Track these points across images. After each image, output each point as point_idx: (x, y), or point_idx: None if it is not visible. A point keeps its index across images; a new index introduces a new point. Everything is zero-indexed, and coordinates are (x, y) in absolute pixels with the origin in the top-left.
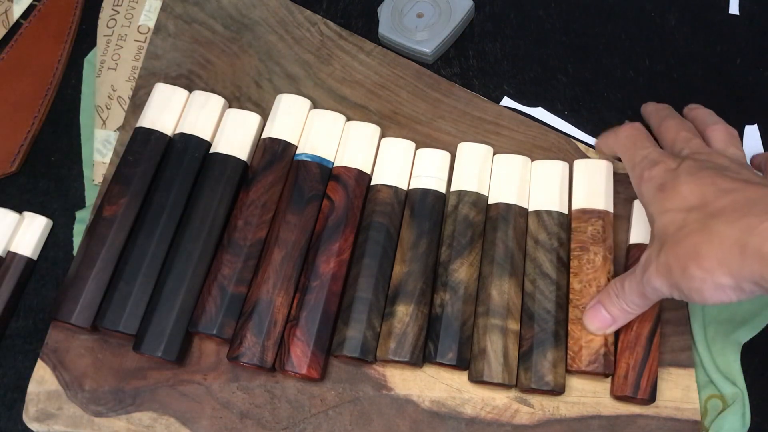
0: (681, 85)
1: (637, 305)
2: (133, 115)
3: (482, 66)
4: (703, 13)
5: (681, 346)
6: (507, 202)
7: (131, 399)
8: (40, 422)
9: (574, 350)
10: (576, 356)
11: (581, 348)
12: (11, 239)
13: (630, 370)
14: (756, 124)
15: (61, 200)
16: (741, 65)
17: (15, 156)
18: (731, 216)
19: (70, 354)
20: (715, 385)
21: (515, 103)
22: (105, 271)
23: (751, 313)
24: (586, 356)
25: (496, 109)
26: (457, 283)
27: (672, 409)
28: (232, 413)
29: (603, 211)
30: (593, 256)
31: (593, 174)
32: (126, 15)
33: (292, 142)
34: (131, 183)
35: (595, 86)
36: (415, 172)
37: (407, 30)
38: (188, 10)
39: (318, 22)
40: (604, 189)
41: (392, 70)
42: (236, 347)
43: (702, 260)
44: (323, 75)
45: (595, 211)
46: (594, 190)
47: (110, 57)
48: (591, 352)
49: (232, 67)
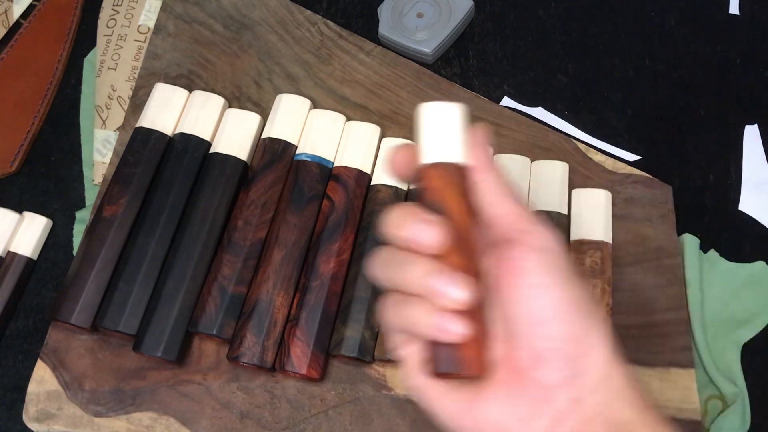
0: (681, 85)
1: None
2: (133, 115)
3: (482, 66)
4: (703, 13)
5: (681, 346)
6: None
7: (131, 399)
8: (40, 422)
9: None
10: None
11: None
12: (11, 239)
13: None
14: (756, 124)
15: (61, 200)
16: (741, 65)
17: (15, 156)
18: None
19: (70, 354)
20: (716, 385)
21: (515, 103)
22: (105, 271)
23: (752, 313)
24: None
25: (496, 109)
26: None
27: (672, 409)
28: (232, 413)
29: (601, 242)
30: (592, 289)
31: (591, 204)
32: (126, 15)
33: (292, 142)
34: (131, 183)
35: (596, 86)
36: None
37: (407, 30)
38: (188, 10)
39: (318, 22)
40: (602, 219)
41: (392, 70)
42: (236, 347)
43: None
44: (323, 75)
45: (593, 242)
46: (592, 221)
47: (110, 57)
48: None
49: (232, 67)
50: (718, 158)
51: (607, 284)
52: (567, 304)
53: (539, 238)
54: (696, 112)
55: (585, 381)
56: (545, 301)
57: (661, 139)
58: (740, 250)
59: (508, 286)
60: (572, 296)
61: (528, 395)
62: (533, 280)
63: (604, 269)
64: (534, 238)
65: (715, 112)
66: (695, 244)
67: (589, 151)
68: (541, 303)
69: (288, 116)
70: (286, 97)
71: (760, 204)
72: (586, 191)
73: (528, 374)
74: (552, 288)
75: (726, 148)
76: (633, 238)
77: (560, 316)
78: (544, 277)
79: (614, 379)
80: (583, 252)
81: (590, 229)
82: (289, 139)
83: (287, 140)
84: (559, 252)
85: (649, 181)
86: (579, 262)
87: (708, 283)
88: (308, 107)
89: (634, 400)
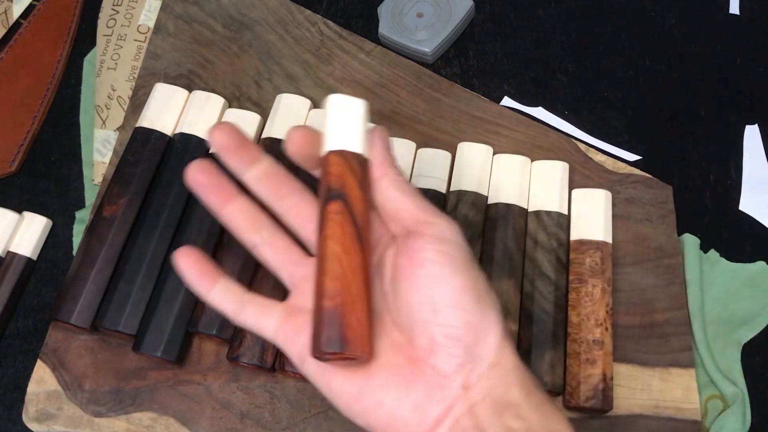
0: (681, 84)
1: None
2: (132, 114)
3: (482, 66)
4: (703, 12)
5: (681, 346)
6: (506, 203)
7: (131, 399)
8: (40, 422)
9: (572, 386)
10: (574, 392)
11: (579, 383)
12: (11, 239)
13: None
14: (756, 124)
15: (60, 200)
16: (741, 65)
17: (15, 156)
18: None
19: (70, 354)
20: (716, 385)
21: (515, 102)
22: (105, 271)
23: (752, 313)
24: (584, 392)
25: (496, 109)
26: None
27: (672, 410)
28: (232, 413)
29: (601, 242)
30: (591, 289)
31: (591, 204)
32: (126, 15)
33: None
34: (131, 183)
35: (596, 86)
36: (415, 172)
37: (407, 30)
38: (188, 9)
39: (318, 22)
40: (602, 219)
41: (392, 69)
42: (236, 347)
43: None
44: (323, 75)
45: (594, 243)
46: (592, 221)
47: (110, 57)
48: (589, 387)
49: (231, 66)
50: (719, 158)
51: (607, 284)
52: (464, 293)
53: (438, 230)
54: (696, 112)
55: (477, 367)
56: (443, 290)
57: (662, 139)
58: (740, 250)
59: (407, 276)
60: (469, 285)
61: (423, 383)
62: (432, 269)
63: (604, 269)
64: (433, 230)
65: (716, 112)
66: (695, 244)
67: (589, 151)
68: (440, 291)
69: (288, 116)
70: (286, 97)
71: (760, 204)
72: (586, 191)
73: (424, 362)
74: (450, 277)
75: (726, 147)
76: (633, 238)
77: (457, 304)
78: (443, 266)
79: (503, 364)
80: (583, 252)
81: (590, 229)
82: None
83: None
84: (457, 242)
85: (650, 181)
86: (579, 262)
87: (708, 283)
88: (308, 107)
89: (521, 382)
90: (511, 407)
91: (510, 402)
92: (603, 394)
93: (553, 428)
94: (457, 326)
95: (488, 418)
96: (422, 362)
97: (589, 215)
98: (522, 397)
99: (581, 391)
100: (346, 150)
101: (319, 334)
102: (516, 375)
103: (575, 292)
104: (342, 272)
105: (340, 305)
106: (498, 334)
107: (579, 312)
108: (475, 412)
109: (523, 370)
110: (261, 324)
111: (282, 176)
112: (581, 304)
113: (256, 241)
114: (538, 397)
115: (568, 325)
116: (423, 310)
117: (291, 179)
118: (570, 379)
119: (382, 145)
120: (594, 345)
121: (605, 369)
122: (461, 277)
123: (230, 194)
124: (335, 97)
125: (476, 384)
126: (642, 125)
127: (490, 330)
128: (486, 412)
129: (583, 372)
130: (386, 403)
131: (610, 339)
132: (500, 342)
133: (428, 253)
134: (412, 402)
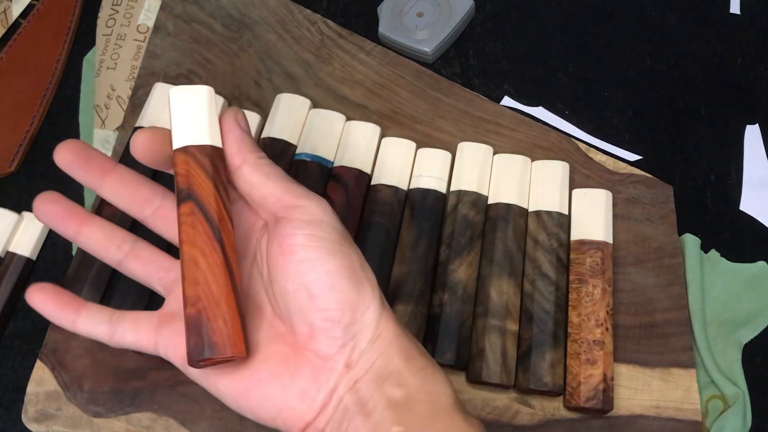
0: (681, 84)
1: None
2: (132, 114)
3: (482, 65)
4: (703, 12)
5: (682, 346)
6: (507, 202)
7: (130, 400)
8: (39, 423)
9: (573, 386)
10: (574, 392)
11: (580, 384)
12: (10, 239)
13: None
14: (757, 123)
15: None
16: (742, 65)
17: (14, 156)
18: None
19: (69, 354)
20: (717, 385)
21: (516, 102)
22: (104, 272)
23: (753, 313)
24: (585, 392)
25: (496, 109)
26: (456, 283)
27: (673, 410)
28: (231, 414)
29: (602, 242)
30: (592, 289)
31: (592, 204)
32: (125, 14)
33: (292, 142)
34: None
35: (596, 86)
36: (415, 171)
37: (407, 29)
38: (187, 9)
39: (318, 22)
40: (603, 219)
41: (392, 69)
42: None
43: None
44: (323, 74)
45: (594, 243)
46: (593, 221)
47: (109, 56)
48: (590, 388)
49: (231, 66)
50: (719, 158)
51: (607, 284)
52: (338, 274)
53: (306, 212)
54: (697, 111)
55: (359, 344)
56: (316, 274)
57: (662, 138)
58: (741, 250)
59: (280, 264)
60: (343, 264)
61: (308, 369)
62: (303, 254)
63: (605, 269)
64: (301, 213)
65: (716, 112)
66: (696, 244)
67: (589, 151)
68: (313, 276)
69: (288, 116)
70: (286, 97)
71: (761, 204)
72: (586, 191)
73: (306, 348)
74: (322, 260)
75: (727, 147)
76: (633, 238)
77: (333, 286)
78: (314, 250)
79: (383, 336)
80: (584, 252)
81: (591, 229)
82: (288, 138)
83: (287, 140)
84: (327, 222)
85: (650, 181)
86: (580, 262)
87: (709, 283)
88: (308, 107)
89: (401, 351)
90: (392, 376)
91: (391, 371)
92: (603, 395)
93: (432, 390)
94: (334, 308)
95: (369, 390)
96: (305, 349)
97: (589, 215)
98: (402, 365)
99: (582, 392)
100: (190, 145)
101: (188, 343)
102: (397, 344)
103: (576, 293)
104: (201, 275)
105: (203, 310)
106: (376, 308)
107: (579, 312)
108: (358, 387)
109: (404, 338)
110: (138, 338)
111: (138, 183)
112: (582, 305)
113: (119, 257)
114: (418, 362)
115: (568, 326)
116: (299, 297)
117: (149, 184)
118: (570, 379)
119: (236, 131)
120: (594, 345)
121: (606, 369)
122: (333, 258)
123: (82, 218)
124: (176, 90)
125: (358, 360)
126: (642, 125)
127: (368, 305)
128: (367, 386)
129: (583, 372)
130: (273, 395)
131: (610, 339)
132: (378, 315)
133: (298, 239)
134: (297, 390)
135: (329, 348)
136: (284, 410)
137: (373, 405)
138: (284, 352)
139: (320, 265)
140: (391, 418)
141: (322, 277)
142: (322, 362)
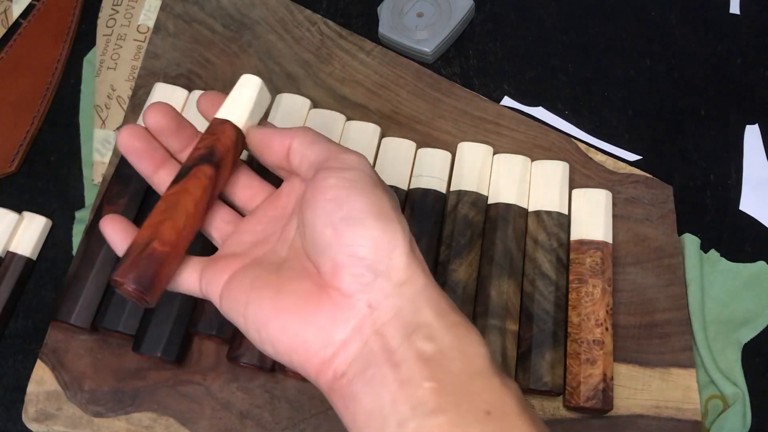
0: (681, 84)
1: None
2: (132, 114)
3: (482, 65)
4: (703, 12)
5: (682, 346)
6: (507, 202)
7: (130, 399)
8: (40, 422)
9: (573, 386)
10: (574, 392)
11: (579, 384)
12: (10, 239)
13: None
14: (757, 123)
15: (60, 200)
16: (741, 65)
17: (14, 156)
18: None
19: (70, 354)
20: (716, 385)
21: (516, 102)
22: (104, 272)
23: (752, 313)
24: (585, 392)
25: (496, 109)
26: (456, 283)
27: (673, 410)
28: (231, 414)
29: (602, 242)
30: (592, 289)
31: (592, 204)
32: (125, 14)
33: None
34: (131, 183)
35: (596, 86)
36: (415, 171)
37: (407, 29)
38: (188, 9)
39: (318, 22)
40: (603, 219)
41: (392, 69)
42: (236, 347)
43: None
44: (323, 74)
45: (594, 242)
46: (592, 221)
47: (110, 56)
48: (589, 388)
49: (231, 66)
50: (719, 158)
51: (607, 284)
52: (365, 211)
53: (343, 161)
54: (696, 111)
55: (382, 285)
56: (344, 211)
57: (662, 138)
58: (741, 250)
59: (311, 204)
60: (372, 202)
61: (329, 305)
62: (333, 193)
63: (605, 269)
64: (338, 162)
65: (716, 112)
66: (696, 244)
67: (589, 151)
68: (340, 212)
69: (288, 116)
70: (286, 97)
71: (760, 204)
72: (586, 191)
73: (330, 286)
74: (350, 197)
75: (727, 147)
76: (633, 238)
77: (359, 222)
78: (344, 190)
79: (412, 284)
80: (584, 252)
81: (591, 229)
82: None
83: None
84: (362, 170)
85: (650, 181)
86: (579, 262)
87: (708, 283)
88: (308, 107)
89: (433, 303)
90: (421, 328)
91: (420, 323)
92: (603, 395)
93: (467, 350)
94: (358, 244)
95: (397, 339)
96: (328, 286)
97: (589, 215)
98: (434, 318)
99: (581, 391)
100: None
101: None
102: (427, 294)
103: (575, 292)
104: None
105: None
106: (404, 251)
107: (579, 312)
108: (383, 332)
109: (435, 290)
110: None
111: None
112: (581, 304)
113: None
114: (452, 318)
115: (568, 325)
116: (326, 233)
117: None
118: (570, 379)
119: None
120: (594, 345)
121: (605, 369)
122: (362, 197)
123: (162, 160)
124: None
125: (383, 303)
126: (642, 125)
127: (396, 247)
128: (394, 334)
129: (583, 372)
130: (290, 327)
131: (610, 339)
132: (407, 260)
133: (330, 180)
134: (315, 325)
135: (351, 285)
136: (299, 344)
137: (401, 356)
138: (308, 288)
139: (348, 203)
140: (423, 373)
141: (350, 214)
142: (343, 299)
